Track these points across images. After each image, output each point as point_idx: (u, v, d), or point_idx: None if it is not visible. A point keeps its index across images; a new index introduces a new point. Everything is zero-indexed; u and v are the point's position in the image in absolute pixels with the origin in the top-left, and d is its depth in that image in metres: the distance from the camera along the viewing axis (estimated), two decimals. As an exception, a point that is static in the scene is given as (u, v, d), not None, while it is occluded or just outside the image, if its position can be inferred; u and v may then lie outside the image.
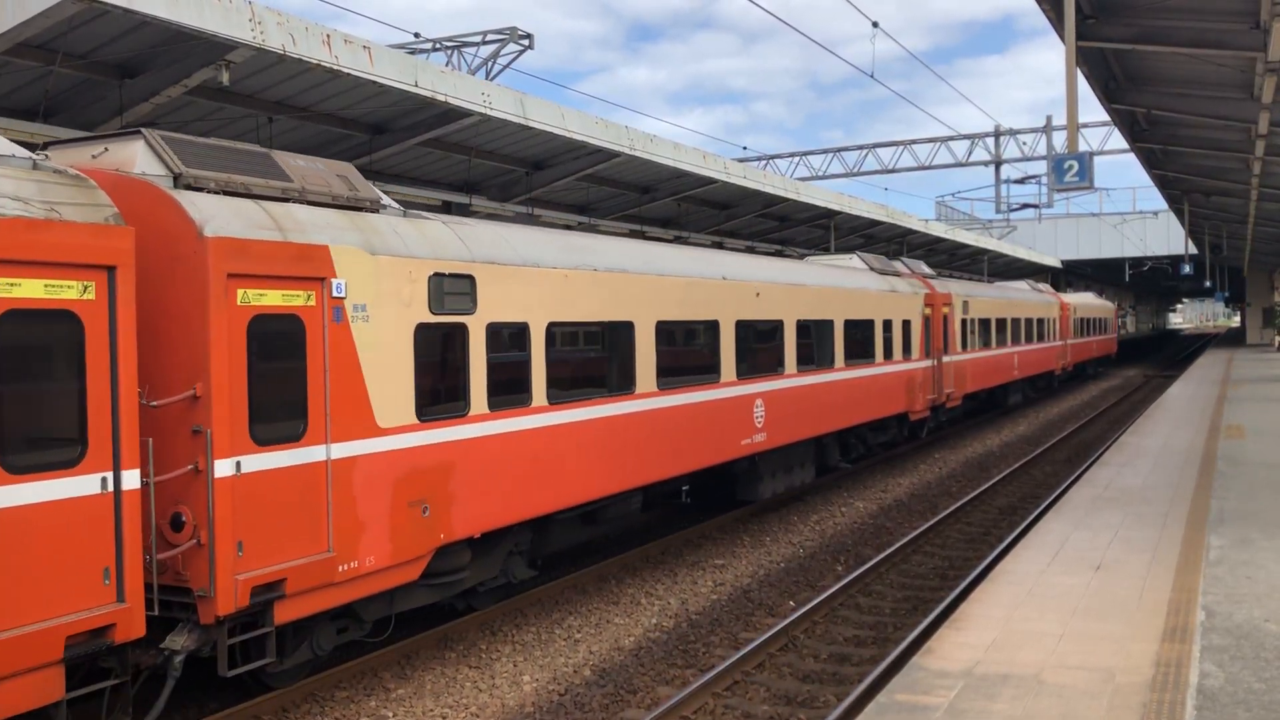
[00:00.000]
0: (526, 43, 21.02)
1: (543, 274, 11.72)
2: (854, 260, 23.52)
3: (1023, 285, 40.76)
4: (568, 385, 12.10)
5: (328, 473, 8.99)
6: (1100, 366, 56.00)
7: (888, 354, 22.29)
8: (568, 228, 20.89)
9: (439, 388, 10.27)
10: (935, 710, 6.68)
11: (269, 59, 11.87)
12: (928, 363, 24.99)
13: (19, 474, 7.02)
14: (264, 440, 8.53)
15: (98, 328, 7.47)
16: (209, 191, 8.67)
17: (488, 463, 10.76)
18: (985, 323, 30.37)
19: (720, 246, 28.17)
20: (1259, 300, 65.24)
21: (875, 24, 20.54)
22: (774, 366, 17.10)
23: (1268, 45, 12.08)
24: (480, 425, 10.71)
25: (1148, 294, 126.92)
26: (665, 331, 14.15)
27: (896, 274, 24.55)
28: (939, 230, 38.39)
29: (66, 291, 7.30)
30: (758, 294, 16.56)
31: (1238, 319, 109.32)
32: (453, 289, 10.41)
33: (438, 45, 21.40)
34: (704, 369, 15.10)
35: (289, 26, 11.30)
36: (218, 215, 8.35)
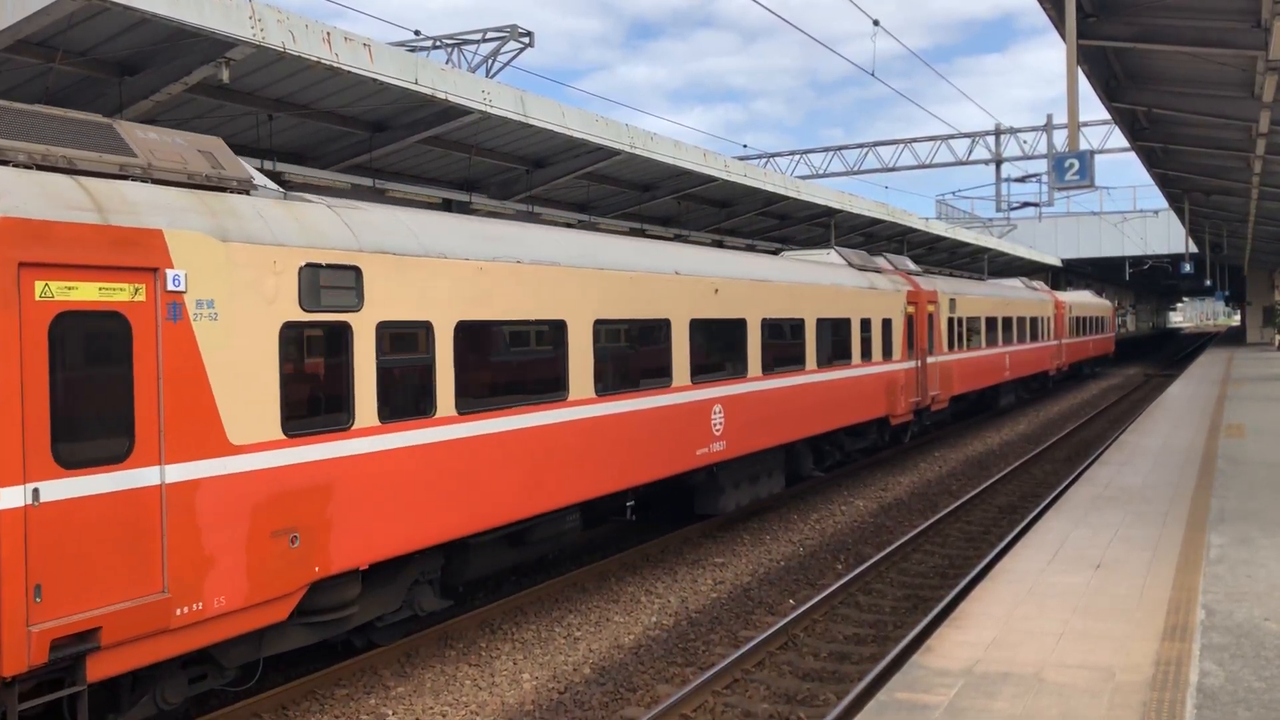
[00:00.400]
0: (526, 40, 21.01)
1: (451, 266, 10.40)
2: (831, 255, 22.25)
3: (1016, 283, 39.59)
4: (484, 393, 10.81)
5: (161, 499, 7.66)
6: (1098, 366, 54.80)
7: (865, 355, 20.95)
8: (569, 225, 20.93)
9: (314, 397, 8.95)
10: (935, 709, 6.68)
11: (269, 56, 11.86)
12: (910, 364, 23.57)
13: None
14: (73, 462, 7.16)
15: None
16: (15, 165, 7.43)
17: (378, 483, 9.44)
18: (974, 321, 29.32)
19: (720, 244, 28.17)
20: (1259, 299, 65.25)
21: (876, 22, 20.52)
22: (736, 369, 15.90)
23: (1269, 44, 12.07)
24: (368, 440, 9.37)
25: (1148, 293, 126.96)
26: (606, 331, 12.91)
27: (877, 270, 23.11)
28: (939, 229, 38.39)
29: None
30: (716, 290, 15.39)
31: (1238, 318, 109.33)
32: (332, 282, 9.10)
33: (438, 43, 21.38)
34: (653, 372, 13.87)
35: (289, 24, 11.29)
36: (10, 192, 7.03)
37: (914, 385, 23.88)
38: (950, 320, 27.22)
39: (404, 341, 9.85)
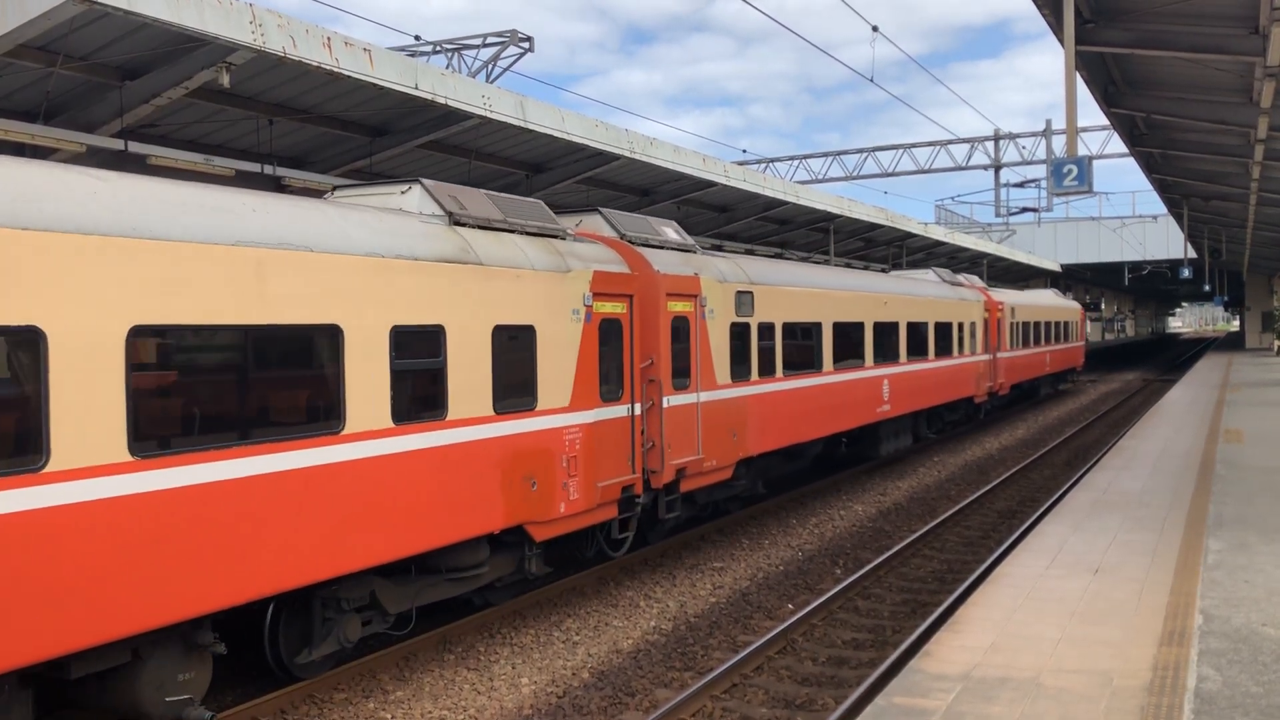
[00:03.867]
0: (526, 45, 21.05)
1: (122, 248, 7.43)
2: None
3: (927, 274, 29.03)
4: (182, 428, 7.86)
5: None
6: (1063, 382, 47.77)
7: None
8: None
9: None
10: (933, 714, 6.69)
11: (270, 61, 11.89)
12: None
13: None
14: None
15: None
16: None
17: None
18: (806, 331, 18.58)
19: (719, 249, 28.21)
20: (1258, 304, 65.31)
21: (875, 28, 20.56)
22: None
23: (1266, 50, 12.11)
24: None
25: (1147, 298, 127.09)
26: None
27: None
28: (938, 234, 38.43)
29: None
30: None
31: (1237, 323, 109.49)
32: None
33: (438, 48, 21.43)
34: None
35: (290, 29, 11.31)
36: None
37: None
38: (758, 327, 29.71)
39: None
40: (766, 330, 16.86)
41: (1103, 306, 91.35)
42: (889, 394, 22.04)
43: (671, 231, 15.50)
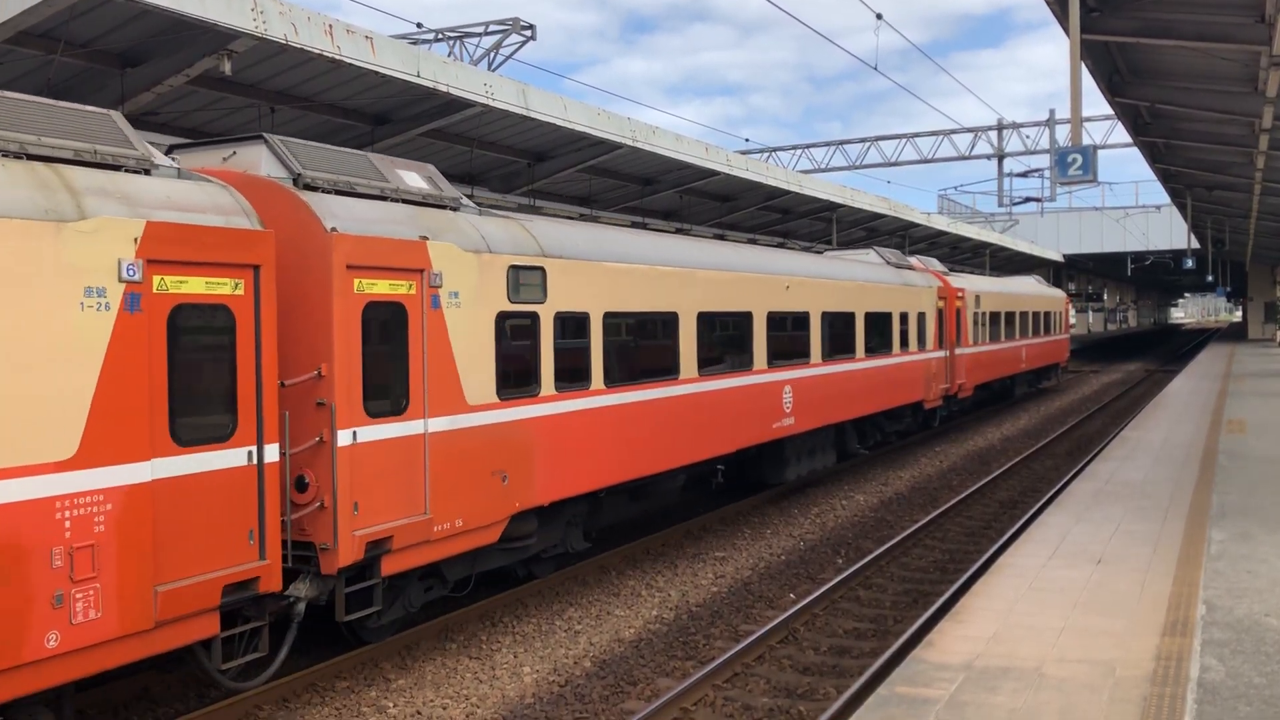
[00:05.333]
0: (529, 34, 20.98)
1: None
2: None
3: (869, 255, 24.54)
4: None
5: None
6: (1043, 381, 42.25)
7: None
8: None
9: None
10: (936, 703, 6.68)
11: (271, 48, 11.85)
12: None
13: None
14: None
15: None
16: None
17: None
18: (649, 324, 14.01)
19: (722, 239, 28.19)
20: (1261, 295, 65.25)
21: (879, 16, 20.49)
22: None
23: (1272, 39, 12.05)
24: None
25: (1149, 288, 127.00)
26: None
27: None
28: (941, 224, 38.38)
29: None
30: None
31: (1239, 314, 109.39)
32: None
33: (440, 36, 21.35)
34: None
35: (291, 16, 11.27)
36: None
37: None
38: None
39: None
40: (572, 324, 12.18)
41: (1105, 297, 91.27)
42: (793, 404, 17.31)
43: (414, 177, 10.82)
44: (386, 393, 9.62)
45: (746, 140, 43.12)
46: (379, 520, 9.40)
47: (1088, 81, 16.35)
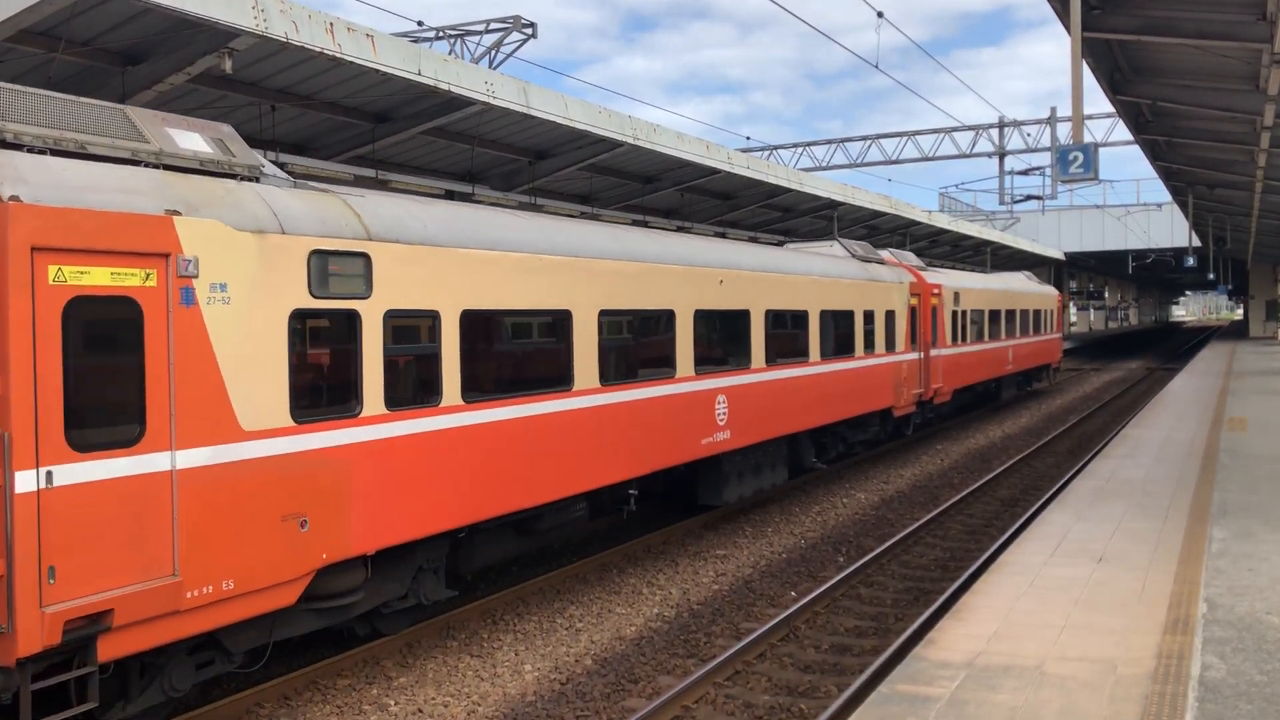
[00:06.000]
0: (530, 32, 20.97)
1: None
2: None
3: (827, 248, 22.07)
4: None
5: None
6: (1034, 383, 39.78)
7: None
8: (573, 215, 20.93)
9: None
10: (937, 701, 6.69)
11: (272, 47, 11.84)
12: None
13: None
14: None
15: None
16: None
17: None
18: (524, 325, 11.92)
19: (723, 237, 28.20)
20: (1262, 293, 65.25)
21: (880, 14, 20.48)
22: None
23: (1274, 37, 12.04)
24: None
25: (1150, 286, 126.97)
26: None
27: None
28: (943, 222, 38.37)
29: None
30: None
31: (1240, 312, 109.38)
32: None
33: (441, 34, 21.35)
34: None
35: (292, 14, 11.27)
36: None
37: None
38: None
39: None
40: (414, 326, 9.87)
41: (1106, 295, 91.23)
42: (728, 415, 15.06)
43: (192, 139, 8.69)
44: (107, 418, 7.35)
45: (747, 138, 43.17)
46: (90, 589, 7.12)
47: (1089, 79, 16.37)
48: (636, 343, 13.21)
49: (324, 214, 9.05)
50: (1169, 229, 55.32)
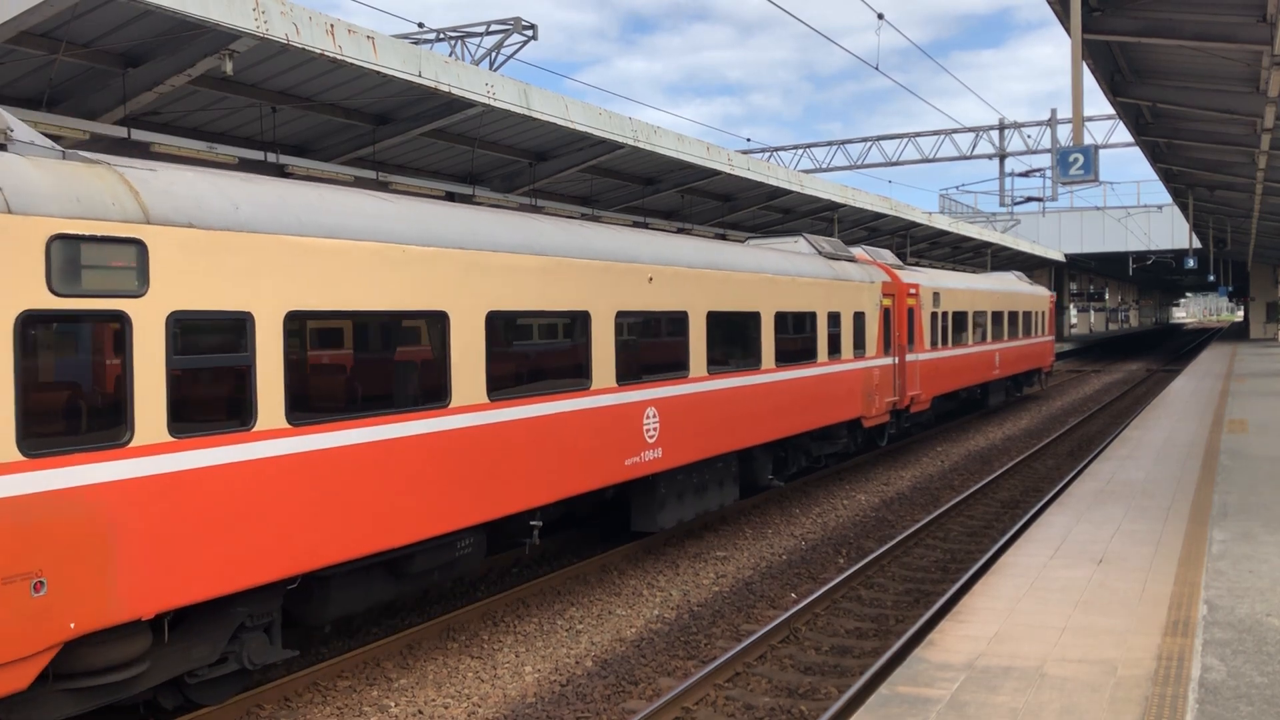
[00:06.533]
0: (530, 34, 20.99)
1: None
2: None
3: (791, 244, 20.59)
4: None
5: None
6: (1025, 387, 37.70)
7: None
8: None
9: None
10: (937, 702, 6.69)
11: (272, 48, 11.86)
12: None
13: None
14: None
15: None
16: None
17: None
18: (388, 327, 9.63)
19: (724, 238, 28.21)
20: (1262, 295, 65.27)
21: (880, 15, 20.49)
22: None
23: (1275, 39, 12.06)
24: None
25: (1151, 288, 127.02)
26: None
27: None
28: (942, 223, 38.38)
29: None
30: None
31: (1241, 314, 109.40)
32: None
33: (441, 35, 21.36)
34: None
35: (293, 16, 11.28)
36: None
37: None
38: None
39: None
40: (214, 330, 7.84)
41: (1106, 296, 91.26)
42: (659, 431, 13.26)
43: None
44: None
45: (748, 140, 43.14)
46: None
47: (1089, 81, 16.39)
48: (540, 350, 11.31)
49: (81, 190, 7.01)
50: (1169, 230, 55.37)
